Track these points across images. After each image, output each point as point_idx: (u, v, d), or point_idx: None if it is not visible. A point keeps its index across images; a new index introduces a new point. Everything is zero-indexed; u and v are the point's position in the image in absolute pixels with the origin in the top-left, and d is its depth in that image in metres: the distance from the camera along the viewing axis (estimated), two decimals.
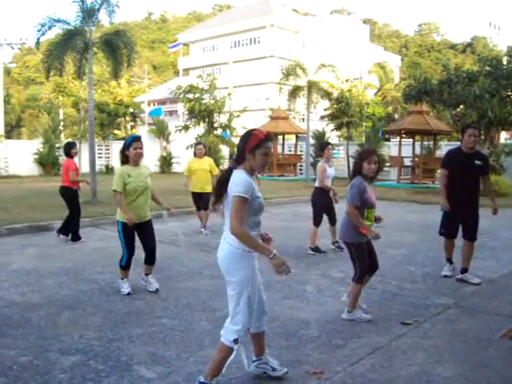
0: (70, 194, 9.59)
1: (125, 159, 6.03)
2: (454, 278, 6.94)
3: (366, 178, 5.19)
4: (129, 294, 6.07)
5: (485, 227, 10.93)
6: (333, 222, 8.93)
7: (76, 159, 9.96)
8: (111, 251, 8.60)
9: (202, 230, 10.59)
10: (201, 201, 10.57)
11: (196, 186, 10.52)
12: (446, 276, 7.03)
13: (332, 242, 8.98)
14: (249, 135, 3.56)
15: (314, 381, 3.92)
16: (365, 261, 5.19)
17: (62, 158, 26.93)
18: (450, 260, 7.16)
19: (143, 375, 3.97)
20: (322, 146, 9.42)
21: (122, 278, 6.24)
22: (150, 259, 6.33)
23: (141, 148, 5.99)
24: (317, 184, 8.98)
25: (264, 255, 3.38)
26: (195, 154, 10.72)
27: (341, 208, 6.47)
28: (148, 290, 6.26)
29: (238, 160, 3.59)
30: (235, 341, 3.54)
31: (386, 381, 3.93)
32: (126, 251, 6.14)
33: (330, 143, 9.62)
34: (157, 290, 6.22)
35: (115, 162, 30.18)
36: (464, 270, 6.87)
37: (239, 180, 3.43)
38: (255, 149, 3.48)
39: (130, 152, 5.93)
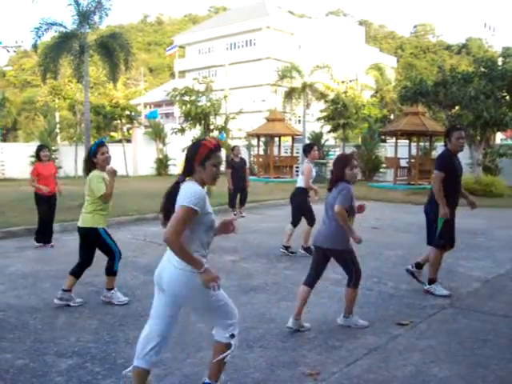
0: (35, 199, 9.53)
1: (91, 167, 5.84)
2: (451, 279, 6.94)
3: (349, 183, 5.06)
4: (128, 302, 5.91)
5: (480, 227, 11.03)
6: (312, 222, 8.68)
7: (72, 162, 9.92)
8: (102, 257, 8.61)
9: None
10: None
11: None
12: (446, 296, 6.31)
13: (304, 247, 8.73)
14: (198, 145, 3.30)
15: (311, 382, 3.93)
16: (359, 264, 5.18)
17: (59, 161, 27.09)
18: (419, 265, 6.79)
19: None
20: (308, 146, 9.21)
21: (111, 289, 5.98)
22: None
23: (108, 152, 5.86)
24: (301, 184, 8.72)
25: (196, 269, 3.13)
26: None
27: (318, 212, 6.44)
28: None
29: (186, 172, 3.32)
30: (232, 336, 3.39)
31: (382, 381, 3.95)
32: (118, 252, 6.03)
33: (315, 144, 9.54)
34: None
35: (112, 164, 30.12)
36: (420, 266, 6.74)
37: (190, 190, 3.16)
38: (205, 160, 3.23)
39: (98, 158, 5.77)
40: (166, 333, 3.44)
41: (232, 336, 3.40)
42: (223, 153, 27.36)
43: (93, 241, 5.98)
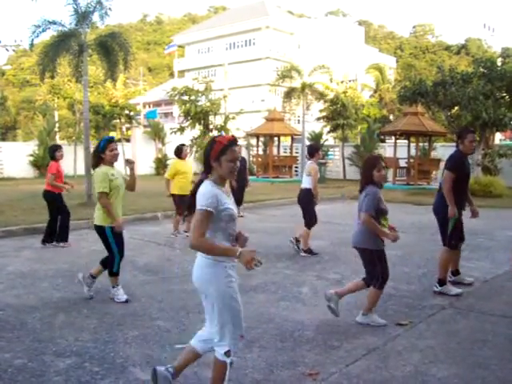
0: (49, 198, 9.49)
1: (99, 162, 5.91)
2: (450, 279, 6.94)
3: (377, 185, 5.15)
4: (127, 301, 5.91)
5: (480, 228, 11.00)
6: (309, 225, 8.83)
7: (71, 161, 9.90)
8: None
9: (176, 234, 10.34)
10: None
11: (181, 188, 10.03)
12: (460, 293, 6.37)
13: (303, 249, 8.79)
14: (212, 143, 3.38)
15: (310, 382, 3.93)
16: (387, 266, 5.22)
17: None
18: (457, 271, 6.90)
19: (139, 377, 3.97)
20: (315, 147, 9.23)
21: (115, 286, 6.06)
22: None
23: (116, 149, 5.95)
24: (309, 185, 8.77)
25: (232, 257, 3.26)
26: (181, 157, 10.43)
27: (341, 212, 6.45)
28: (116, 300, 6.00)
29: (206, 170, 3.42)
30: (227, 353, 3.32)
31: (381, 381, 3.94)
32: (118, 256, 6.01)
33: (321, 146, 9.58)
34: (127, 300, 5.98)
35: None
36: (457, 272, 6.84)
37: (203, 192, 3.28)
38: (220, 156, 3.29)
39: (107, 154, 5.83)
40: None
41: (227, 353, 3.33)
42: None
43: (100, 237, 6.06)
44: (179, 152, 10.47)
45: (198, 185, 3.41)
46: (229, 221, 3.35)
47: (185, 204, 3.09)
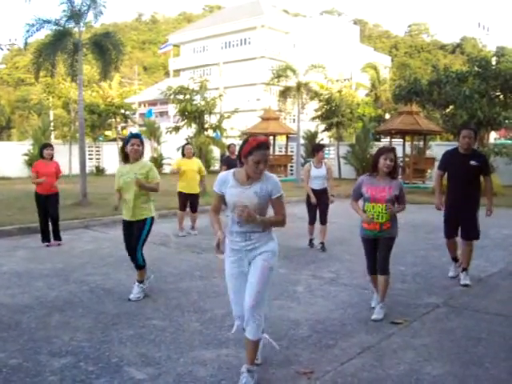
0: (35, 199, 9.47)
1: (125, 156, 6.13)
2: (445, 277, 6.98)
3: (379, 173, 5.36)
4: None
5: None
6: (312, 221, 9.23)
7: (66, 161, 9.86)
8: (101, 253, 8.59)
9: (190, 231, 10.64)
10: (188, 202, 10.57)
11: (185, 186, 10.50)
12: (452, 277, 7.02)
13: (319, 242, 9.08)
14: (244, 142, 3.74)
15: (304, 381, 3.93)
16: (367, 256, 5.57)
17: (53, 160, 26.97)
18: (454, 259, 7.14)
19: (134, 376, 3.97)
20: (315, 146, 9.37)
21: (140, 281, 6.17)
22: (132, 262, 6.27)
23: (138, 145, 6.02)
24: (323, 185, 9.12)
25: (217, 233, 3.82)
26: (184, 155, 10.67)
27: (336, 211, 6.43)
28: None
29: (240, 164, 3.82)
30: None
31: (375, 380, 3.95)
32: (140, 246, 6.38)
33: (324, 146, 9.69)
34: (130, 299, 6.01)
35: (106, 163, 30.08)
36: (463, 270, 6.87)
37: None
38: (247, 155, 3.65)
39: (128, 149, 5.99)
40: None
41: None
42: (218, 151, 27.43)
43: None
44: (183, 150, 10.80)
45: (225, 162, 4.05)
46: (230, 206, 3.79)
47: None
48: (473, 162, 6.65)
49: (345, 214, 9.94)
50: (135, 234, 6.20)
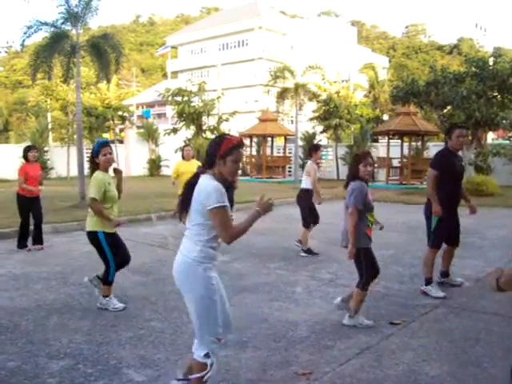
0: (18, 201, 9.31)
1: (95, 167, 5.71)
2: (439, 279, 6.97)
3: (363, 180, 5.18)
4: (124, 308, 5.73)
5: (473, 227, 11.05)
6: (307, 224, 8.90)
7: (64, 163, 9.84)
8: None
9: None
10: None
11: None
12: (442, 297, 6.21)
13: (303, 249, 8.82)
14: (221, 140, 3.31)
15: (303, 381, 3.93)
16: (373, 265, 5.16)
17: (51, 162, 26.97)
18: (447, 273, 6.84)
19: (132, 378, 3.97)
20: (313, 146, 9.35)
21: (107, 296, 5.78)
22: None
23: (110, 153, 5.72)
24: (307, 185, 8.89)
25: (255, 216, 3.28)
26: (183, 157, 10.62)
27: (334, 212, 6.45)
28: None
29: (207, 165, 3.33)
30: (206, 355, 3.29)
31: (374, 380, 3.96)
32: (113, 263, 5.80)
33: (321, 145, 9.65)
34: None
35: None
36: (446, 274, 6.79)
37: (214, 189, 3.17)
38: (226, 155, 3.24)
39: (100, 159, 5.63)
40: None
41: (207, 355, 3.29)
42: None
43: (93, 243, 5.78)
44: (182, 152, 10.72)
45: (193, 178, 3.38)
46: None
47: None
48: (461, 163, 6.56)
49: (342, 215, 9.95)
50: (120, 241, 6.02)
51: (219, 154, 3.24)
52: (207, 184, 3.21)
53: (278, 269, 7.70)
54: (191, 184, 3.34)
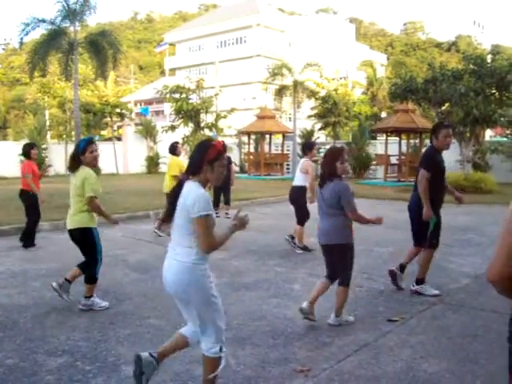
0: (25, 198, 9.19)
1: (77, 164, 5.57)
2: (440, 275, 6.97)
3: (340, 178, 5.02)
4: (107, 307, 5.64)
5: (471, 224, 11.09)
6: (302, 222, 8.81)
7: (62, 160, 9.83)
8: None
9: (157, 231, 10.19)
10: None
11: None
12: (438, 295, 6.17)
13: (299, 246, 8.77)
14: (208, 146, 3.35)
15: (301, 378, 3.94)
16: (353, 261, 5.12)
17: (49, 159, 26.93)
18: (404, 267, 6.62)
19: (131, 375, 3.96)
20: (309, 144, 9.28)
21: (91, 296, 5.62)
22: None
23: (97, 150, 5.62)
24: (300, 182, 8.75)
25: (232, 231, 3.38)
26: (177, 154, 10.49)
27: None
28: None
29: (192, 172, 3.34)
30: (221, 349, 3.33)
31: (372, 377, 3.96)
32: (100, 259, 5.69)
33: (316, 143, 9.58)
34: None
35: (102, 162, 30.01)
36: (403, 268, 6.59)
37: (200, 197, 3.20)
38: (214, 161, 3.28)
39: (87, 156, 5.50)
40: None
41: (221, 350, 3.34)
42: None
43: (84, 241, 5.65)
44: (174, 149, 10.55)
45: (178, 186, 3.39)
46: (213, 225, 3.28)
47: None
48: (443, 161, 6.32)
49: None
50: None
51: (207, 160, 3.28)
52: (196, 192, 3.23)
53: (276, 266, 7.71)
54: (176, 193, 3.35)
